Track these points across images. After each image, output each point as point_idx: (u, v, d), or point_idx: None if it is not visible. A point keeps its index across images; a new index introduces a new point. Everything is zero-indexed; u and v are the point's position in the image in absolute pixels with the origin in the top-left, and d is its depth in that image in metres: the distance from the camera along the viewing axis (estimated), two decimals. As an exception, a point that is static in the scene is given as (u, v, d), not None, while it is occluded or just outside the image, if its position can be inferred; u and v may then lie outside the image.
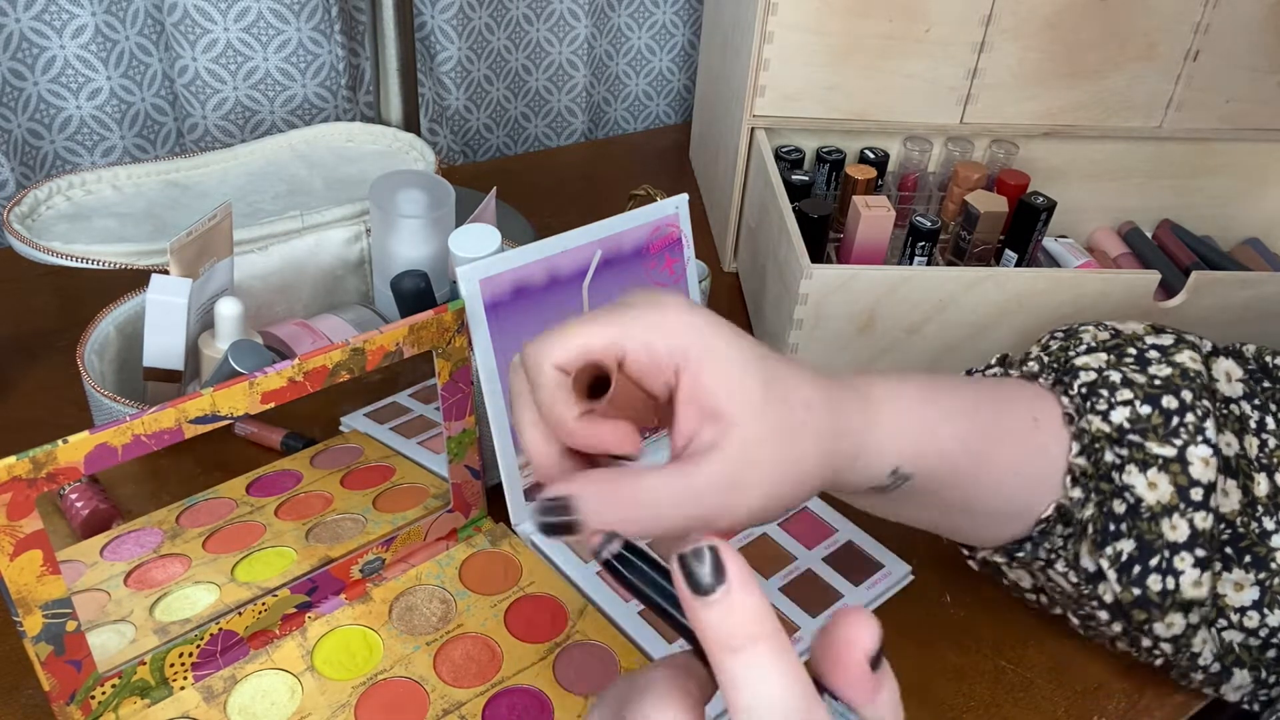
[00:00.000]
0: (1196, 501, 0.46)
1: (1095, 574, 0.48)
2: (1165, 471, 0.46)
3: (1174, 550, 0.46)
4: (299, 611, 0.52)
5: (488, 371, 0.54)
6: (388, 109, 0.81)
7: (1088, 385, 0.48)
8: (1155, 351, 0.50)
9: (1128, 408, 0.47)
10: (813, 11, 0.74)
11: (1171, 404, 0.47)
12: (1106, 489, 0.47)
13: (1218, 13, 0.77)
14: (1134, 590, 0.47)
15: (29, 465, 0.40)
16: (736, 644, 0.29)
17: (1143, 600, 0.47)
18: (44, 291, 0.76)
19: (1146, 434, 0.47)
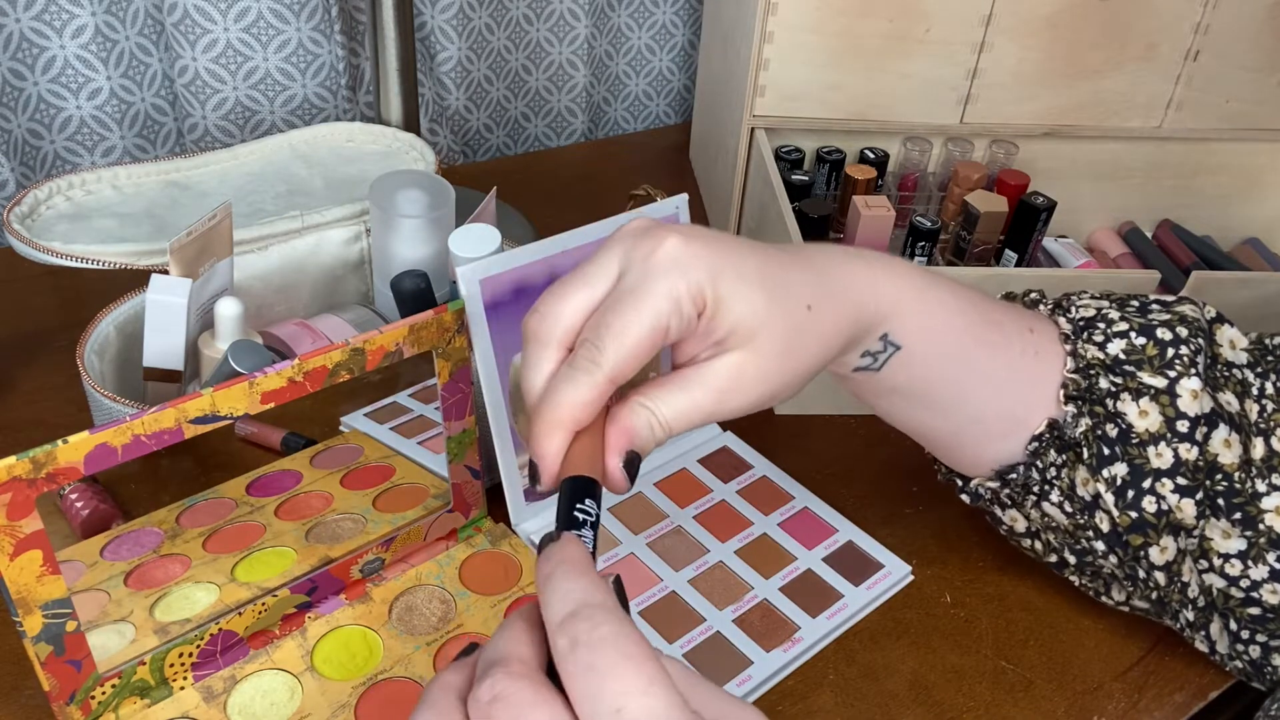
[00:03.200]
0: (1182, 433, 0.47)
1: (1091, 502, 0.49)
2: (1155, 401, 0.48)
3: (1156, 476, 0.48)
4: (299, 611, 0.52)
5: (488, 371, 0.54)
6: (388, 109, 0.81)
7: (1086, 319, 0.50)
8: (1157, 305, 0.51)
9: (1124, 339, 0.49)
10: (813, 11, 0.74)
11: (1166, 336, 0.49)
12: (1101, 412, 0.48)
13: (1218, 13, 0.77)
14: (1131, 514, 0.48)
15: (29, 465, 0.40)
16: None
17: (1140, 523, 0.48)
18: (44, 291, 0.76)
19: (1141, 365, 0.48)
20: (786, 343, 0.40)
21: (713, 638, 0.53)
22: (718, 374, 0.39)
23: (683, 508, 0.61)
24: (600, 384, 0.37)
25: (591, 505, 0.35)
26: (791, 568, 0.58)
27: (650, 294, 0.38)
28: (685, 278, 0.38)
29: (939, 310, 0.46)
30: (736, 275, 0.39)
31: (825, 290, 0.42)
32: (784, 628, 0.54)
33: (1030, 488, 0.51)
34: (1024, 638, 0.56)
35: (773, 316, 0.39)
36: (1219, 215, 0.89)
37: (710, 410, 0.39)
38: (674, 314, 0.38)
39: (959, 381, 0.48)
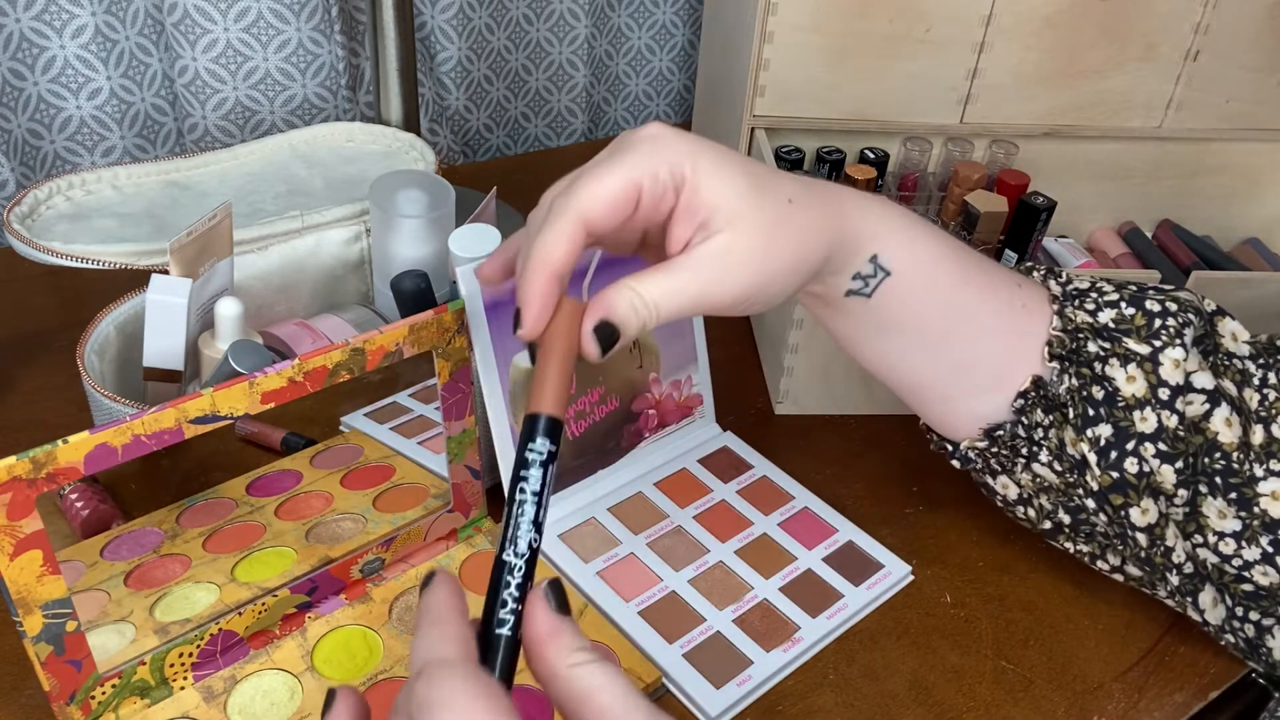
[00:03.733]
0: (1164, 400, 0.48)
1: (1080, 461, 0.50)
2: (1140, 368, 0.49)
3: (1140, 440, 0.49)
4: (299, 611, 0.52)
5: (488, 371, 0.54)
6: (388, 109, 0.81)
7: (1079, 290, 0.51)
8: (1154, 290, 0.52)
9: (1114, 309, 0.50)
10: (813, 11, 0.74)
11: (1155, 309, 0.50)
12: (1088, 374, 0.49)
13: (1218, 13, 0.77)
14: (1112, 474, 0.49)
15: (29, 465, 0.40)
16: None
17: (1120, 484, 0.49)
18: (44, 291, 0.76)
19: (1128, 333, 0.49)
20: (769, 231, 0.42)
21: (713, 638, 0.53)
22: (702, 257, 0.42)
23: (683, 508, 0.61)
24: (571, 223, 0.40)
25: (544, 444, 0.37)
26: (791, 568, 0.58)
27: (627, 155, 0.41)
28: (664, 150, 0.41)
29: (928, 243, 0.48)
30: (716, 158, 0.42)
31: (809, 192, 0.45)
32: (784, 628, 0.54)
33: (1019, 449, 0.52)
34: (1024, 638, 0.56)
35: (754, 201, 0.42)
36: (1219, 215, 0.89)
37: (695, 295, 0.42)
38: (648, 176, 0.41)
39: (947, 318, 0.49)
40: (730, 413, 0.69)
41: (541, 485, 0.36)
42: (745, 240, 0.42)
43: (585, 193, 0.40)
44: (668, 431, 0.64)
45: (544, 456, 0.37)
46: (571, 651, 0.33)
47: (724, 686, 0.51)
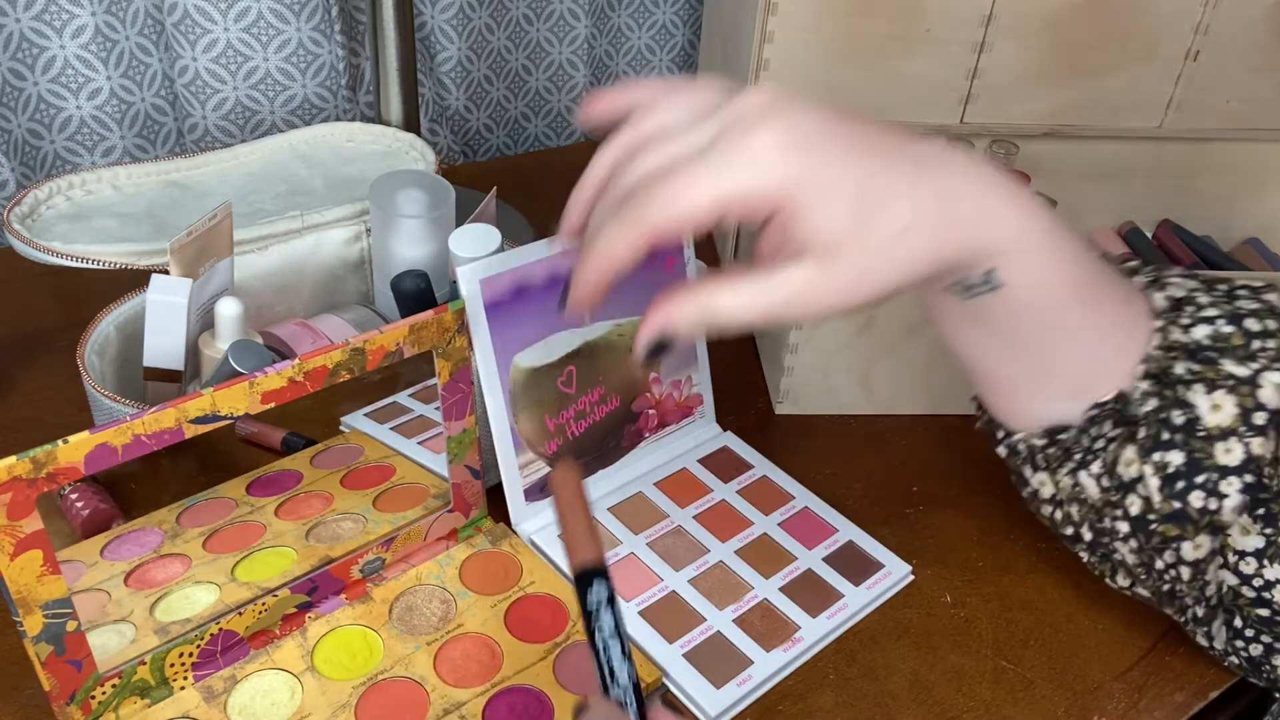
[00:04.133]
0: (1258, 426, 0.46)
1: (1129, 483, 0.48)
2: (1234, 393, 0.46)
3: (1223, 474, 0.46)
4: (299, 611, 0.52)
5: (488, 371, 0.54)
6: (388, 109, 0.81)
7: (1175, 300, 0.48)
8: (1245, 291, 0.49)
9: (1210, 325, 0.47)
10: (813, 11, 0.74)
11: (1254, 327, 0.47)
12: (1170, 396, 0.47)
13: (1218, 13, 0.77)
14: (1174, 504, 0.47)
15: (29, 465, 0.40)
16: None
17: (1180, 514, 0.47)
18: (44, 291, 0.76)
19: (1224, 352, 0.46)
20: (864, 266, 0.40)
21: (713, 638, 0.53)
22: (784, 283, 0.39)
23: (683, 508, 0.61)
24: (637, 242, 0.39)
25: (600, 589, 0.39)
26: (791, 568, 0.58)
27: (724, 168, 0.38)
28: (764, 178, 0.38)
29: (1058, 260, 0.44)
30: (825, 188, 0.39)
31: (934, 211, 0.40)
32: (784, 628, 0.54)
33: (1073, 453, 0.50)
34: (1024, 638, 0.56)
35: (856, 237, 0.39)
36: (1219, 215, 0.89)
37: (767, 313, 0.40)
38: (739, 201, 0.38)
39: (1049, 333, 0.46)
40: (730, 413, 0.69)
41: (615, 623, 0.38)
42: (835, 278, 0.39)
43: (668, 210, 0.39)
44: (668, 431, 0.64)
45: (605, 598, 0.38)
46: None
47: (724, 686, 0.51)
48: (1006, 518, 0.62)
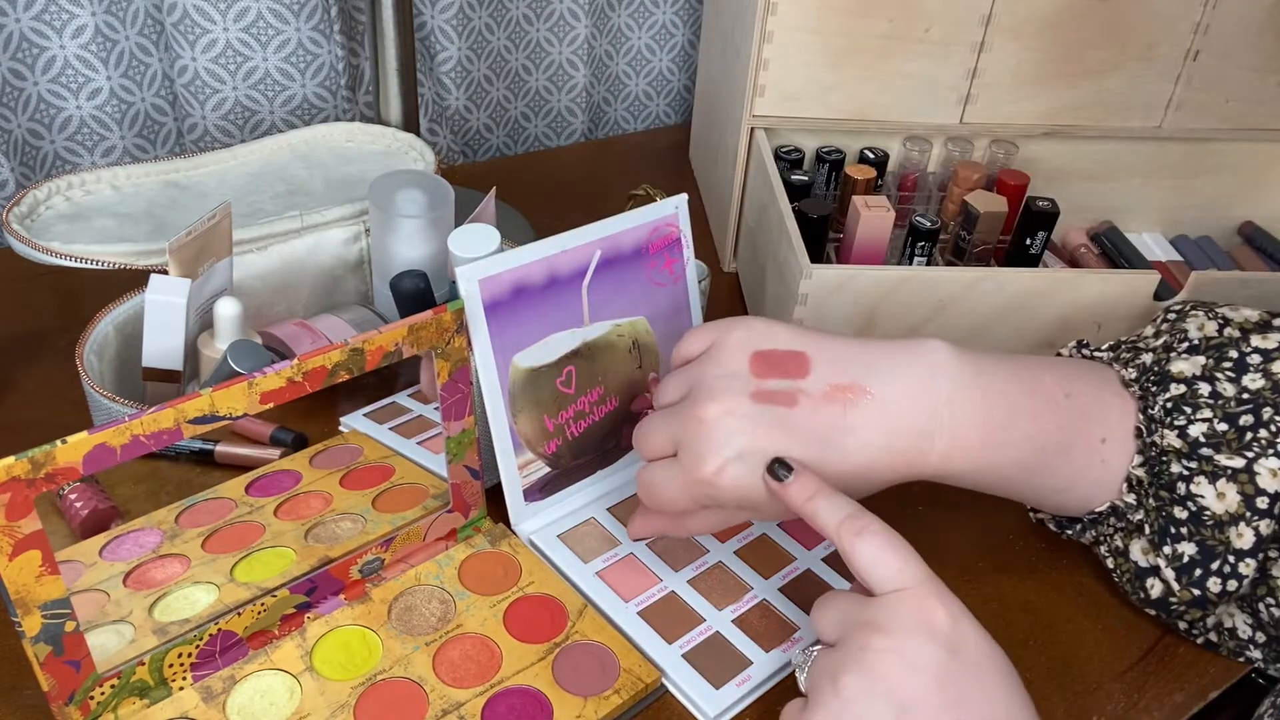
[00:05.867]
0: (1262, 509, 0.49)
1: (1145, 570, 0.52)
2: (1234, 481, 0.49)
3: (1239, 556, 0.49)
4: (298, 612, 0.52)
5: (487, 371, 0.54)
6: (387, 109, 0.81)
7: (1174, 400, 0.51)
8: (1256, 356, 0.51)
9: (1206, 424, 0.50)
10: (813, 11, 0.74)
11: (1248, 421, 0.49)
12: (1166, 496, 0.50)
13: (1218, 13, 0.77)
14: (1193, 590, 0.50)
15: (28, 465, 0.40)
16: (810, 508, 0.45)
17: (1200, 600, 0.50)
18: (44, 291, 0.76)
19: (1219, 447, 0.49)
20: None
21: (712, 638, 0.53)
22: None
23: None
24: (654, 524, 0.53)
25: None
26: (791, 568, 0.58)
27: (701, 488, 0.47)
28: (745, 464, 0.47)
29: (1002, 455, 0.49)
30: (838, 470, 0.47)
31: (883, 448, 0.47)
32: (783, 628, 0.54)
33: (1084, 536, 0.56)
34: (1024, 638, 0.56)
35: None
36: (1219, 215, 0.89)
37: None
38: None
39: (1019, 491, 0.52)
40: (730, 413, 0.69)
41: None
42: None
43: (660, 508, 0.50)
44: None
45: None
46: None
47: (723, 686, 0.51)
48: (1006, 519, 0.62)
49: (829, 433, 0.46)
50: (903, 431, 0.47)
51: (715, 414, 0.46)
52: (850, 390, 0.46)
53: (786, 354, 0.47)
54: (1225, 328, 0.53)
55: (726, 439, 0.46)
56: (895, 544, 0.43)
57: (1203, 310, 0.55)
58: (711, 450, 0.46)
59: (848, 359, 0.47)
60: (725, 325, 0.49)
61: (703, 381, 0.48)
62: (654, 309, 0.60)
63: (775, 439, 0.46)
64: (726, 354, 0.48)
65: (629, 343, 0.60)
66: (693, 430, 0.47)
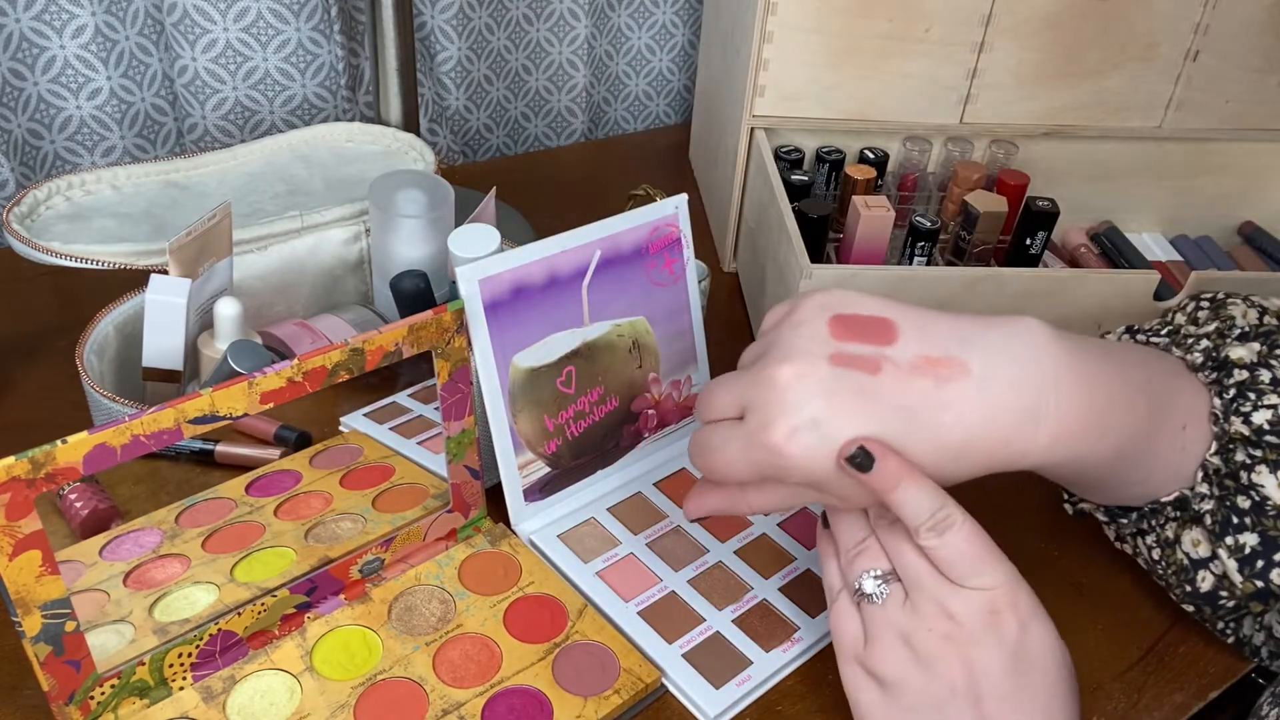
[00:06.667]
0: None
1: (1197, 562, 0.51)
2: None
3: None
4: (298, 612, 0.52)
5: (487, 371, 0.54)
6: (387, 109, 0.81)
7: (1238, 385, 0.49)
8: None
9: (1270, 411, 0.48)
10: (813, 11, 0.74)
11: None
12: (1231, 485, 0.49)
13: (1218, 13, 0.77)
14: (1256, 582, 0.49)
15: (28, 465, 0.40)
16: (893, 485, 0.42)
17: (1264, 593, 0.49)
18: (44, 291, 0.76)
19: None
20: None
21: (712, 638, 0.53)
22: None
23: (682, 507, 0.61)
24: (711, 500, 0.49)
25: None
26: (791, 567, 0.58)
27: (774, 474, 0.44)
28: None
29: (1103, 444, 0.45)
30: None
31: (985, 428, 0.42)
32: (784, 628, 0.54)
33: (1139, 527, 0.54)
34: (1024, 638, 0.56)
35: None
36: (1219, 215, 0.89)
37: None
38: None
39: (1102, 479, 0.50)
40: (730, 413, 0.69)
41: None
42: None
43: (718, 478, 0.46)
44: (667, 431, 0.64)
45: None
46: None
47: (723, 686, 0.51)
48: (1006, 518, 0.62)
49: (918, 407, 0.42)
50: (1008, 410, 0.42)
51: (789, 375, 0.42)
52: (944, 365, 0.42)
53: (870, 319, 0.43)
54: (1264, 315, 0.53)
55: (799, 403, 0.41)
56: (979, 543, 0.42)
57: (1240, 299, 0.54)
58: (783, 413, 0.42)
59: (939, 331, 0.43)
60: (805, 292, 0.45)
61: (778, 342, 0.43)
62: (654, 309, 0.60)
63: (854, 408, 0.41)
64: (805, 315, 0.44)
65: (629, 343, 0.60)
66: (764, 391, 0.42)
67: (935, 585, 0.43)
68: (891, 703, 0.44)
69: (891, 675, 0.44)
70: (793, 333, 0.43)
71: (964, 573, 0.42)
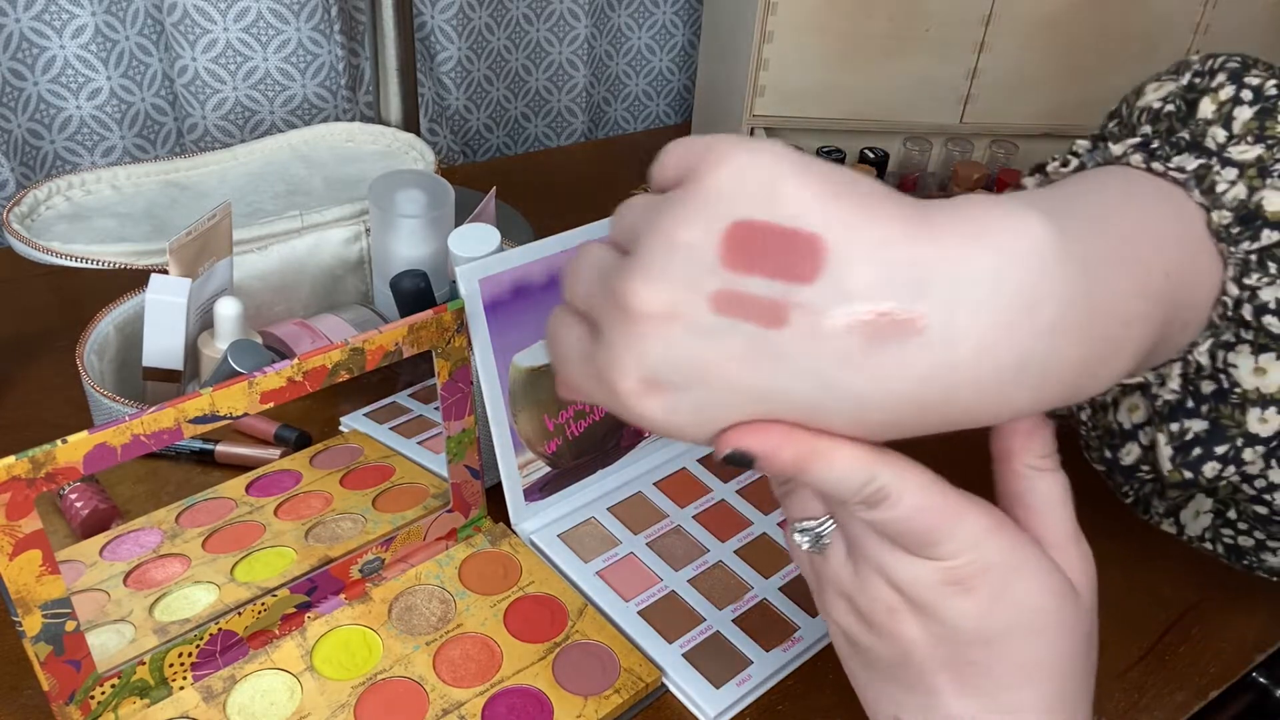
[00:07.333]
0: None
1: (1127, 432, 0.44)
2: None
3: (1250, 442, 0.40)
4: (298, 611, 0.52)
5: (487, 371, 0.54)
6: (387, 109, 0.81)
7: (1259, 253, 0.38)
8: None
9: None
10: (813, 11, 0.74)
11: None
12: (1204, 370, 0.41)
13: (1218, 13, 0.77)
14: (1185, 472, 0.42)
15: (28, 465, 0.40)
16: None
17: (1189, 483, 0.42)
18: (44, 291, 0.76)
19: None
20: None
21: (712, 637, 0.53)
22: None
23: (682, 507, 0.61)
24: None
25: None
26: (791, 567, 0.58)
27: None
28: None
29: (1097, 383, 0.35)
30: None
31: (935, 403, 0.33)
32: (784, 627, 0.54)
33: None
34: (1024, 638, 0.56)
35: None
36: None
37: None
38: None
39: None
40: (730, 413, 0.69)
41: None
42: None
43: None
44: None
45: None
46: None
47: (724, 686, 0.51)
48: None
49: (838, 376, 0.29)
50: (974, 380, 0.29)
51: (648, 308, 0.29)
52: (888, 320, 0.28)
53: (787, 234, 0.28)
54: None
55: (659, 354, 0.29)
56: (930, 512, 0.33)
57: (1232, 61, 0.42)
58: (635, 360, 0.29)
59: (892, 250, 0.28)
60: (714, 152, 0.29)
61: (644, 242, 0.29)
62: (654, 309, 0.60)
63: (738, 377, 0.29)
64: (694, 207, 0.29)
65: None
66: (612, 312, 0.30)
67: (878, 552, 0.34)
68: (853, 653, 0.38)
69: (844, 628, 0.37)
70: (668, 239, 0.29)
71: (914, 544, 0.33)
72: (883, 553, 0.34)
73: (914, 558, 0.34)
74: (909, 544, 0.33)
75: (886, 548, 0.34)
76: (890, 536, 0.33)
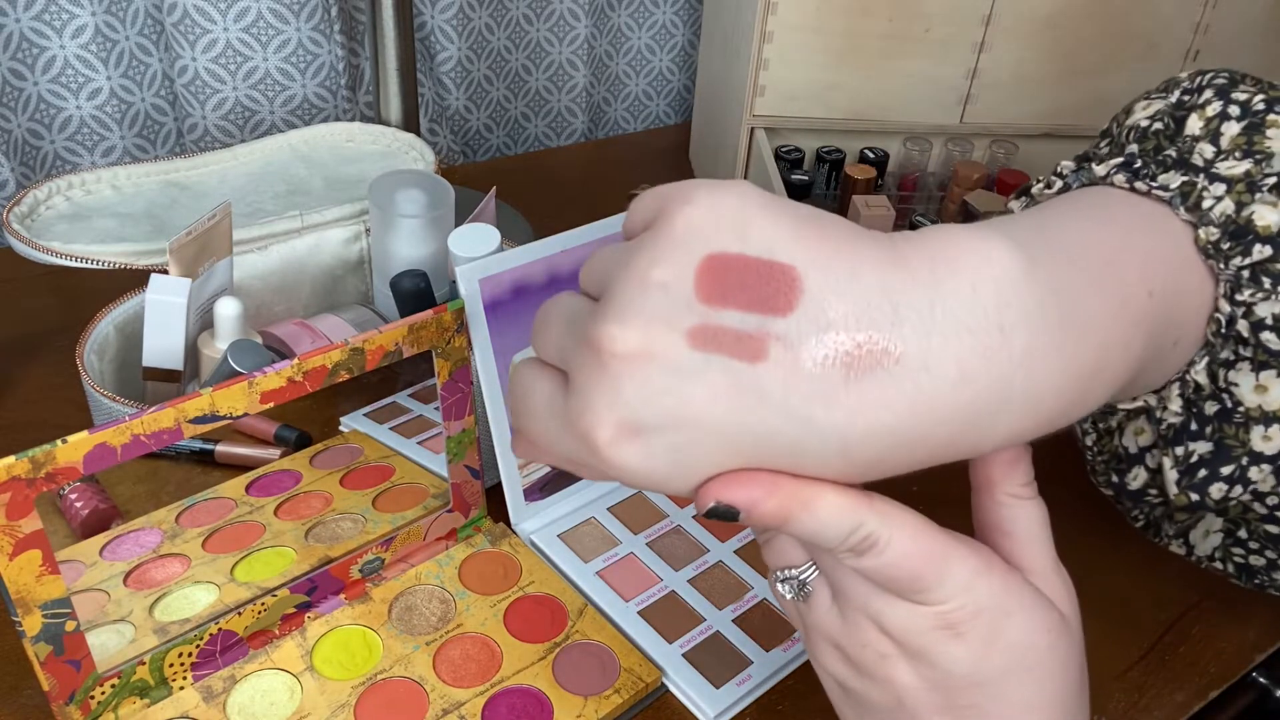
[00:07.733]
0: None
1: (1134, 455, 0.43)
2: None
3: (1255, 460, 0.40)
4: (298, 611, 0.52)
5: (487, 371, 0.54)
6: (387, 109, 0.81)
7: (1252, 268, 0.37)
8: None
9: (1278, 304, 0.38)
10: (813, 11, 0.74)
11: None
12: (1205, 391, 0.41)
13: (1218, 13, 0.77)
14: (1191, 495, 0.42)
15: (28, 465, 0.40)
16: None
17: (1196, 505, 0.42)
18: (44, 291, 0.76)
19: None
20: None
21: (712, 637, 0.53)
22: None
23: (682, 507, 0.61)
24: None
25: None
26: (791, 568, 0.58)
27: None
28: None
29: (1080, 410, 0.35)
30: None
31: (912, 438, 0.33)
32: (784, 627, 0.54)
33: None
34: (1024, 638, 0.56)
35: None
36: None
37: None
38: None
39: None
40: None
41: None
42: None
43: None
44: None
45: None
46: None
47: (724, 686, 0.51)
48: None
49: (818, 414, 0.28)
50: (952, 407, 0.29)
51: (623, 349, 0.28)
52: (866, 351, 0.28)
53: (762, 266, 0.28)
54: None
55: (636, 396, 0.28)
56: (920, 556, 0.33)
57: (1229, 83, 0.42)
58: (609, 404, 0.28)
59: (863, 284, 0.28)
60: (681, 193, 0.29)
61: (616, 285, 0.29)
62: (654, 309, 0.60)
63: (719, 418, 0.28)
64: (666, 246, 0.28)
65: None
66: (585, 362, 0.29)
67: (867, 598, 0.34)
68: (846, 699, 0.38)
69: (835, 675, 0.38)
70: (641, 279, 0.28)
71: (903, 590, 0.33)
72: (871, 598, 0.34)
73: (904, 603, 0.33)
74: (898, 589, 0.33)
75: (875, 593, 0.34)
76: (879, 583, 0.33)
